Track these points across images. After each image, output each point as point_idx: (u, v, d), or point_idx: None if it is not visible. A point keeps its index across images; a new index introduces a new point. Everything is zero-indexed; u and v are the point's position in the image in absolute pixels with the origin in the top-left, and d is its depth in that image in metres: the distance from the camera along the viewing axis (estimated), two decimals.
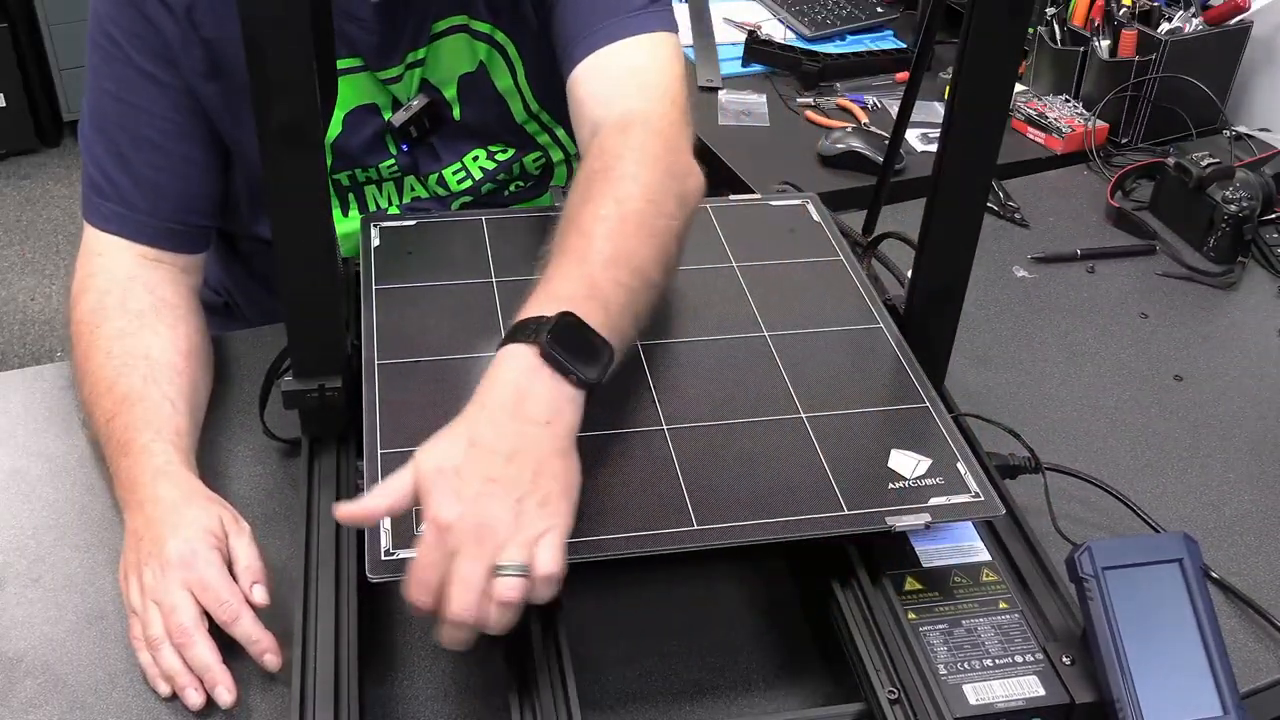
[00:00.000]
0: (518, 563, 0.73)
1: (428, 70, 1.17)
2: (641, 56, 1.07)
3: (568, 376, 0.79)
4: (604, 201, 0.91)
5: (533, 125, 1.24)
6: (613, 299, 0.85)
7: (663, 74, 1.07)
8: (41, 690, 0.88)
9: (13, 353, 2.78)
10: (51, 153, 3.46)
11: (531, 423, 0.78)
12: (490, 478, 0.75)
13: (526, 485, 0.75)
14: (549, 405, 0.79)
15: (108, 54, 1.09)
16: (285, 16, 0.76)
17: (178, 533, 0.90)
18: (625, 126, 1.00)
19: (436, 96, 1.18)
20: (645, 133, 0.99)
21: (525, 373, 0.79)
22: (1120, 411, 1.18)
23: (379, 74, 1.15)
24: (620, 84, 1.06)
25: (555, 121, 1.25)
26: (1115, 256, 1.42)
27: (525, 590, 0.73)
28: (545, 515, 0.75)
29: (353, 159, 1.19)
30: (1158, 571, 0.81)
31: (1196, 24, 1.70)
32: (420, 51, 1.15)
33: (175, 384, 1.03)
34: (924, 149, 1.71)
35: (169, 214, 1.12)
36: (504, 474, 0.75)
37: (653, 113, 1.02)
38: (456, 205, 1.25)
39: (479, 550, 0.73)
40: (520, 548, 0.74)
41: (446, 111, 1.19)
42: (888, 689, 0.80)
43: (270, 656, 0.87)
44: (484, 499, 0.74)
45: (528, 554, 0.74)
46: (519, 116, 1.22)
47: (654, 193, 0.92)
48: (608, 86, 1.06)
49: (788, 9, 2.11)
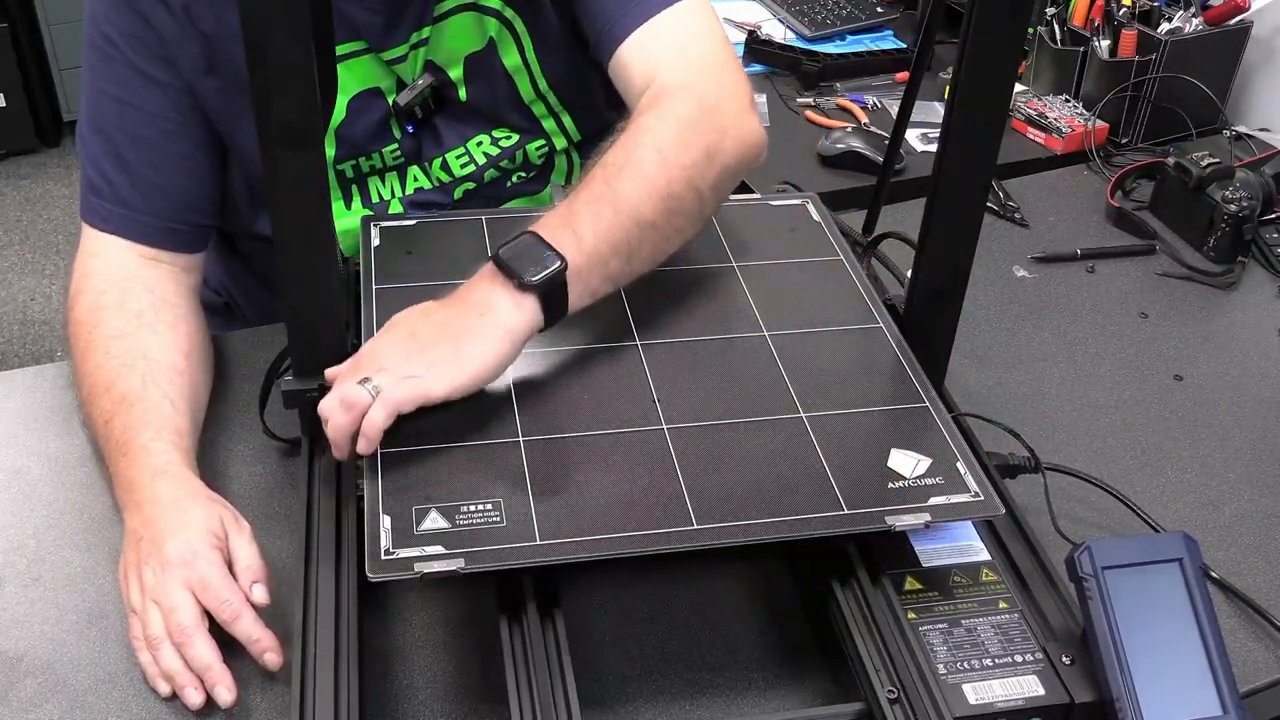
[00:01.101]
0: (373, 382, 0.85)
1: (432, 50, 1.16)
2: (680, 28, 1.10)
3: (510, 279, 0.89)
4: (612, 152, 0.98)
5: (539, 106, 1.23)
6: (588, 228, 0.92)
7: (701, 40, 1.09)
8: (42, 689, 0.88)
9: (13, 353, 2.78)
10: (51, 153, 3.46)
11: (469, 308, 0.89)
12: (411, 333, 0.88)
13: (429, 345, 0.87)
14: (485, 299, 0.89)
15: (105, 55, 1.09)
16: (285, 16, 0.76)
17: (177, 533, 0.90)
18: (658, 95, 1.03)
19: (441, 76, 1.18)
20: (677, 96, 1.02)
21: (479, 277, 0.91)
22: (1120, 411, 1.18)
23: (383, 54, 1.14)
24: (662, 59, 1.08)
25: (563, 105, 1.24)
26: (1115, 256, 1.42)
27: (362, 405, 0.84)
28: (424, 367, 0.86)
29: (356, 146, 1.19)
30: (1157, 571, 0.82)
31: (1196, 24, 1.70)
32: (425, 30, 1.15)
33: (174, 384, 1.03)
34: (924, 149, 1.71)
35: (167, 213, 1.12)
36: (421, 332, 0.88)
37: (692, 79, 1.05)
38: (459, 192, 1.25)
39: (359, 373, 0.86)
40: (385, 376, 0.85)
41: (452, 92, 1.19)
42: (887, 688, 0.80)
43: (271, 655, 0.87)
44: (396, 343, 0.88)
45: (389, 383, 0.85)
46: (526, 95, 1.22)
47: (665, 143, 0.97)
48: (649, 64, 1.08)
49: (788, 9, 2.11)
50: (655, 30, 1.09)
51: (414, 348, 0.87)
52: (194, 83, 1.10)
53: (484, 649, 0.89)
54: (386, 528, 0.80)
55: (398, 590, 0.94)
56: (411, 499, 0.83)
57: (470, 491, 0.83)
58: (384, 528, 0.80)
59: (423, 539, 0.80)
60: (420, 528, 0.81)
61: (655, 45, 1.09)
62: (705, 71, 1.06)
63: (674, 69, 1.06)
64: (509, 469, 0.85)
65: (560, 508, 0.83)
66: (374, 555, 0.79)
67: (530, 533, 0.81)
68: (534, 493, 0.84)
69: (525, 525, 0.81)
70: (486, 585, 0.90)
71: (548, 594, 0.85)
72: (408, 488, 0.83)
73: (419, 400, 0.85)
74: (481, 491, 0.84)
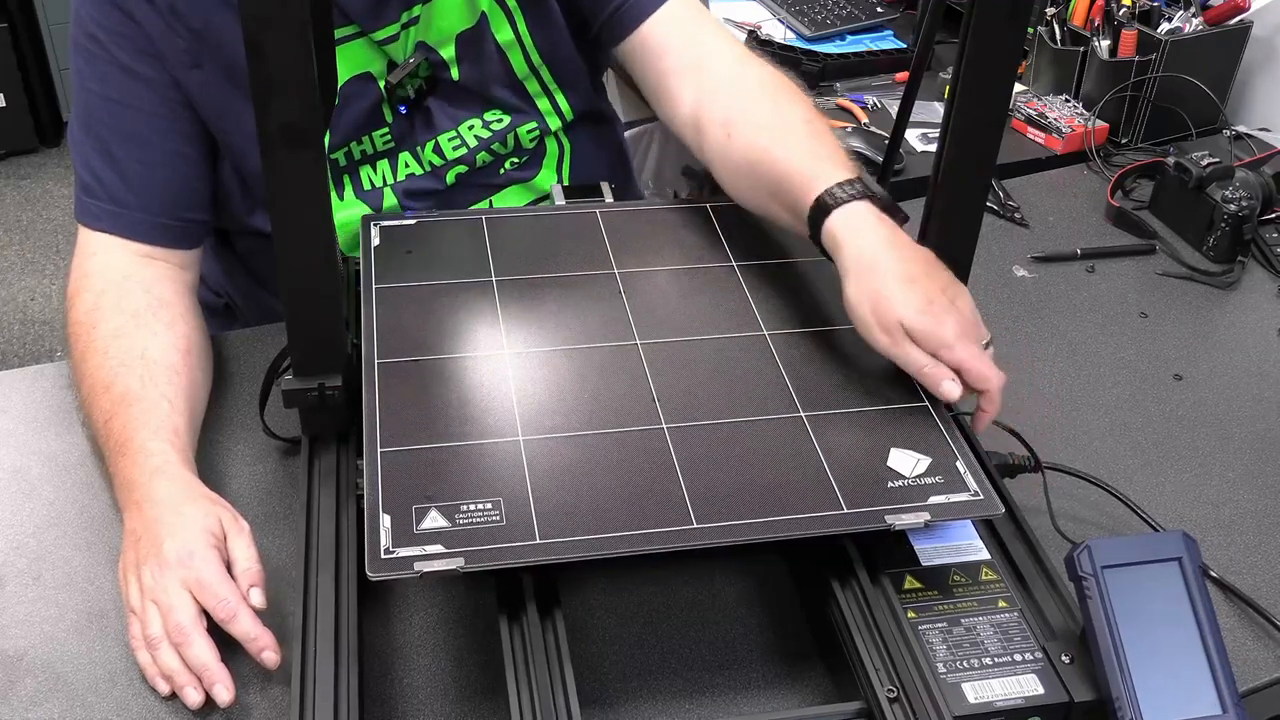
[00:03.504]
0: (985, 333, 0.95)
1: (423, 30, 1.16)
2: (693, 7, 1.18)
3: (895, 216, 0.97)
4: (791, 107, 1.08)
5: (533, 83, 1.23)
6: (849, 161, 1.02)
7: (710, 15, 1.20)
8: (42, 688, 0.88)
9: (13, 353, 2.78)
10: (51, 153, 3.46)
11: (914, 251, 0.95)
12: (945, 295, 0.93)
13: (950, 285, 0.95)
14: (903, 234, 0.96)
15: (91, 54, 1.09)
16: (285, 16, 0.77)
17: (176, 533, 0.90)
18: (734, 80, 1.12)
19: (433, 57, 1.18)
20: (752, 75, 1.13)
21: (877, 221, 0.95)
22: (1120, 411, 1.18)
23: (375, 35, 1.14)
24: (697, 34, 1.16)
25: (556, 84, 1.24)
26: (1115, 256, 1.42)
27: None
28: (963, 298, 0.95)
29: (348, 131, 1.19)
30: (1157, 570, 0.82)
31: (1196, 24, 1.70)
32: (415, 9, 1.14)
33: (173, 384, 1.03)
34: (924, 149, 1.71)
35: (161, 209, 1.12)
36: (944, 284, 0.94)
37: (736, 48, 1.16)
38: (451, 176, 1.24)
39: (973, 336, 0.93)
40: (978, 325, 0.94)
41: (444, 72, 1.19)
42: (887, 688, 0.80)
43: (269, 654, 0.87)
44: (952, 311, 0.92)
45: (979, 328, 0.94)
46: (520, 70, 1.22)
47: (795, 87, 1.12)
48: (683, 42, 1.16)
49: (788, 9, 2.11)
50: (675, 7, 1.16)
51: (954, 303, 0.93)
52: (181, 78, 1.10)
53: (484, 649, 0.90)
54: (386, 527, 0.80)
55: (398, 589, 0.95)
56: (411, 498, 0.83)
57: (470, 491, 0.84)
58: (384, 527, 0.80)
59: (423, 538, 0.80)
60: (420, 527, 0.81)
61: (680, 34, 1.16)
62: (735, 44, 1.17)
63: (715, 57, 1.14)
64: (509, 468, 0.85)
65: (560, 507, 0.83)
66: (374, 554, 0.79)
67: (530, 532, 0.81)
68: (534, 492, 0.84)
69: (525, 524, 0.81)
70: (486, 585, 0.90)
71: (548, 593, 0.85)
72: (408, 487, 0.83)
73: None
74: (481, 490, 0.84)
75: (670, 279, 1.05)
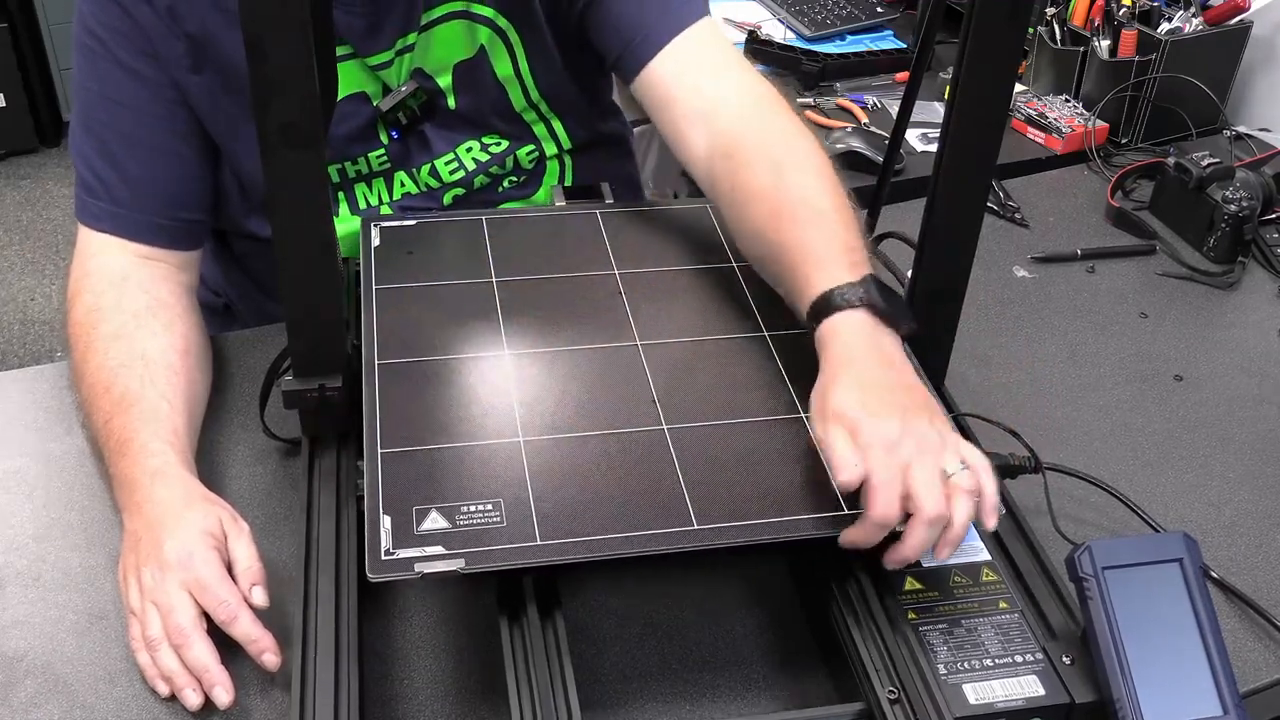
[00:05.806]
0: (956, 464, 0.83)
1: (419, 58, 1.16)
2: (707, 44, 1.12)
3: (895, 327, 0.91)
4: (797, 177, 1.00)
5: (531, 115, 1.23)
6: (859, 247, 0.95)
7: (727, 52, 1.13)
8: (42, 690, 0.88)
9: (13, 353, 2.78)
10: (51, 153, 3.46)
11: (893, 366, 0.88)
12: (901, 406, 0.85)
13: (922, 409, 0.86)
14: (896, 350, 0.90)
15: (92, 53, 1.09)
16: (285, 16, 0.76)
17: (175, 534, 0.90)
18: (745, 136, 1.05)
19: (429, 84, 1.18)
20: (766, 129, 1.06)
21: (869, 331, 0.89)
22: (1120, 411, 1.18)
23: (368, 60, 1.14)
24: (708, 75, 1.10)
25: (554, 113, 1.24)
26: (1115, 256, 1.42)
27: (973, 482, 0.82)
28: (946, 429, 0.86)
29: (342, 149, 1.19)
30: (1157, 571, 0.82)
31: (1196, 24, 1.70)
32: (410, 37, 1.14)
33: (172, 384, 1.03)
34: (924, 149, 1.71)
35: (160, 209, 1.12)
36: (908, 402, 0.86)
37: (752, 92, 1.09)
38: (448, 198, 1.24)
39: (927, 459, 0.82)
40: (951, 453, 0.83)
41: (440, 100, 1.19)
42: (887, 688, 0.80)
43: (269, 656, 0.87)
44: (909, 421, 0.83)
45: (957, 458, 0.83)
46: (518, 104, 1.22)
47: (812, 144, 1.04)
48: (694, 83, 1.09)
49: (788, 9, 2.11)
50: (684, 50, 1.10)
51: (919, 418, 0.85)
52: (180, 80, 1.10)
53: (484, 649, 0.89)
54: (387, 528, 0.80)
55: (398, 591, 0.94)
56: (412, 499, 0.83)
57: (470, 491, 0.83)
58: (384, 528, 0.80)
59: (423, 539, 0.80)
60: (420, 528, 0.81)
61: (695, 65, 1.10)
62: (758, 80, 1.11)
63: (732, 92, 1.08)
64: (509, 469, 0.85)
65: (560, 508, 0.83)
66: (374, 555, 0.79)
67: (530, 533, 0.81)
68: (534, 493, 0.84)
69: (525, 525, 0.81)
70: (487, 585, 0.90)
71: (548, 594, 0.85)
72: (408, 488, 0.83)
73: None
74: (482, 491, 0.84)
75: (670, 279, 1.05)
